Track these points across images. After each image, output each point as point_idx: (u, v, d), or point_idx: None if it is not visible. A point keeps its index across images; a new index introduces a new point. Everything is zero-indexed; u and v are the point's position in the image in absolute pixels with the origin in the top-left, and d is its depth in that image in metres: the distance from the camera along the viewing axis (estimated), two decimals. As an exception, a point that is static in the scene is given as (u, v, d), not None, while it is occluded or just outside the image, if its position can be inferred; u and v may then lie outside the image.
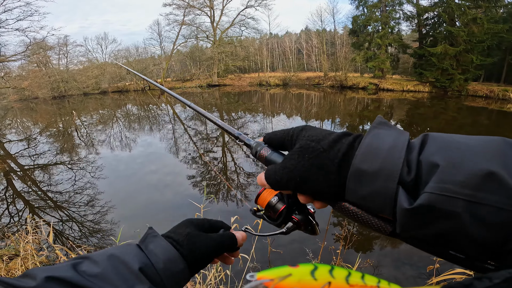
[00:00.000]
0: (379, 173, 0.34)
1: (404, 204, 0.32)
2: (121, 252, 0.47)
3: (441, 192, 0.30)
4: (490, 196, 0.29)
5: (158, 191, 6.21)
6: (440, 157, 0.32)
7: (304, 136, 0.43)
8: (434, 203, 0.30)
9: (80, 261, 0.44)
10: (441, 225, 0.31)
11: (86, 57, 37.70)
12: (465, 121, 13.41)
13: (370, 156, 0.36)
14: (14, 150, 10.47)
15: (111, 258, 0.45)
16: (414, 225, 0.33)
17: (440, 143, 0.34)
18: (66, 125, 15.94)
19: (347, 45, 32.72)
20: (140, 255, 0.48)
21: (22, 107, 26.85)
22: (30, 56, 23.91)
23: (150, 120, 16.61)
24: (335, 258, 3.39)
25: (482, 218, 0.29)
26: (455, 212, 0.30)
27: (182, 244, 0.51)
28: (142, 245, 0.50)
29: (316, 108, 18.45)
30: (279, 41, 47.08)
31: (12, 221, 5.11)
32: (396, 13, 25.84)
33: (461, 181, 0.30)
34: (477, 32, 19.68)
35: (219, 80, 36.41)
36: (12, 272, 2.98)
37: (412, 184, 0.33)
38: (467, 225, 0.30)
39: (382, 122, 0.40)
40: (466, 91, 21.40)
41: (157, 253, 0.48)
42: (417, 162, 0.34)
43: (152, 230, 0.54)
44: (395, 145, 0.35)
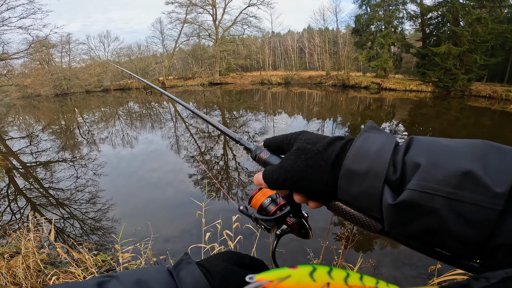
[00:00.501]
0: (367, 173, 0.37)
1: (388, 200, 0.35)
2: (151, 277, 0.45)
3: (422, 189, 0.33)
4: (470, 194, 0.30)
5: (159, 189, 6.22)
6: (422, 158, 0.35)
7: (301, 139, 0.46)
8: (415, 199, 0.33)
9: (107, 280, 0.42)
10: (423, 221, 0.33)
11: (89, 55, 37.84)
12: (467, 121, 13.35)
13: (359, 157, 0.38)
14: (17, 147, 10.51)
15: (139, 283, 0.43)
16: (399, 221, 0.35)
17: (424, 145, 0.37)
18: (68, 123, 15.99)
19: (349, 44, 32.62)
20: (169, 283, 0.45)
21: (24, 104, 26.95)
22: (32, 54, 24.02)
23: (152, 118, 16.64)
24: (337, 258, 3.38)
25: (462, 215, 0.31)
26: (435, 208, 0.32)
27: (216, 278, 0.48)
28: (174, 272, 0.48)
29: (318, 107, 18.42)
30: (281, 39, 46.99)
31: (14, 219, 5.13)
32: (399, 13, 25.74)
33: (440, 179, 0.32)
34: (481, 32, 19.57)
35: (221, 79, 36.43)
36: (13, 269, 2.99)
37: (398, 183, 0.36)
38: (448, 221, 0.32)
39: (372, 127, 0.43)
40: (469, 91, 21.30)
41: (187, 282, 0.46)
42: (402, 163, 0.36)
43: (187, 257, 0.51)
44: (382, 147, 0.38)
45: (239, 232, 3.38)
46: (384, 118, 14.20)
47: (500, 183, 0.30)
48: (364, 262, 3.39)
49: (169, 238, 4.14)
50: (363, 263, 3.26)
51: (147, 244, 3.39)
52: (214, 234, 3.24)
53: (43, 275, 3.01)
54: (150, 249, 3.41)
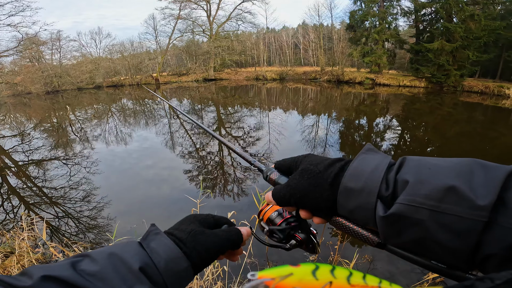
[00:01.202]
0: (362, 190, 0.41)
1: (380, 213, 0.39)
2: (122, 250, 0.45)
3: (408, 203, 0.36)
4: (452, 207, 0.34)
5: (154, 185, 6.17)
6: (411, 175, 0.38)
7: (306, 161, 0.51)
8: (402, 212, 0.37)
9: (80, 259, 0.42)
10: (412, 231, 0.37)
11: (80, 51, 37.27)
12: (460, 116, 13.50)
13: (355, 176, 0.43)
14: (8, 146, 10.32)
15: (111, 256, 0.43)
16: (392, 232, 0.39)
17: (414, 165, 0.40)
18: (60, 120, 15.75)
19: (344, 40, 32.68)
20: (141, 253, 0.46)
21: (15, 102, 26.43)
22: (22, 52, 23.56)
23: (146, 115, 16.48)
24: (333, 253, 3.41)
25: (447, 226, 0.34)
26: (421, 219, 0.35)
27: (185, 242, 0.50)
28: (144, 243, 0.48)
29: (313, 103, 18.44)
30: (276, 35, 46.79)
31: (8, 218, 5.02)
32: (393, 9, 25.80)
33: (425, 194, 0.36)
34: (474, 29, 19.73)
35: (216, 75, 36.21)
36: (8, 269, 2.95)
37: (390, 199, 0.39)
38: (434, 232, 0.35)
39: (369, 149, 0.47)
40: (461, 86, 21.52)
41: (159, 252, 0.46)
42: (394, 181, 0.40)
43: (154, 227, 0.52)
44: (377, 167, 0.42)
45: (235, 229, 3.37)
46: (378, 113, 14.28)
47: (484, 197, 0.32)
48: (360, 258, 3.41)
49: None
50: (359, 258, 3.29)
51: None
52: (210, 230, 3.22)
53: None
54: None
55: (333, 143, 8.95)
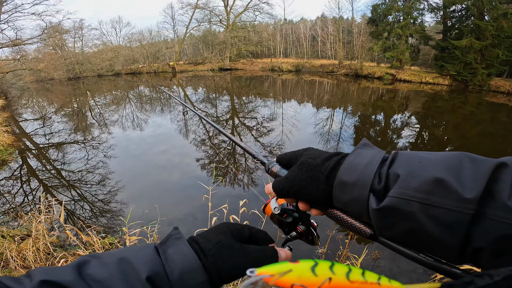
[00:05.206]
0: (356, 183, 0.42)
1: (373, 205, 0.40)
2: (134, 255, 0.42)
3: (399, 196, 0.37)
4: (441, 199, 0.34)
5: (167, 171, 6.27)
6: (402, 169, 0.39)
7: (305, 154, 0.51)
8: (394, 204, 0.38)
9: (89, 260, 0.40)
10: (404, 223, 0.38)
11: (101, 40, 38.20)
12: (483, 116, 12.87)
13: (350, 170, 0.44)
14: (30, 129, 10.74)
15: (122, 261, 0.40)
16: (384, 225, 0.40)
17: (405, 159, 0.41)
18: (81, 105, 16.22)
19: (364, 34, 31.64)
20: (154, 261, 0.42)
21: (38, 87, 27.41)
22: (46, 40, 24.20)
23: (162, 102, 16.70)
24: (342, 247, 3.36)
25: (436, 218, 0.35)
26: (412, 212, 0.36)
27: (207, 254, 0.44)
28: (161, 248, 0.44)
29: (328, 96, 18.08)
30: (293, 27, 45.92)
31: (26, 200, 5.19)
32: (420, 4, 24.65)
33: (415, 187, 0.37)
34: (506, 28, 18.80)
35: (231, 64, 36.17)
36: (23, 253, 3.01)
37: (382, 192, 0.40)
38: (424, 224, 0.36)
39: (365, 144, 0.48)
40: (488, 86, 20.51)
41: (175, 260, 0.42)
42: (386, 174, 0.41)
43: (176, 231, 0.47)
44: (371, 161, 0.43)
45: (246, 218, 3.38)
46: (397, 109, 13.85)
47: (471, 189, 0.33)
48: (369, 253, 3.35)
49: (174, 221, 4.16)
50: (368, 254, 3.23)
51: (153, 227, 3.41)
52: (220, 218, 3.25)
53: (52, 258, 3.01)
54: (157, 232, 3.43)
55: (347, 138, 8.77)
